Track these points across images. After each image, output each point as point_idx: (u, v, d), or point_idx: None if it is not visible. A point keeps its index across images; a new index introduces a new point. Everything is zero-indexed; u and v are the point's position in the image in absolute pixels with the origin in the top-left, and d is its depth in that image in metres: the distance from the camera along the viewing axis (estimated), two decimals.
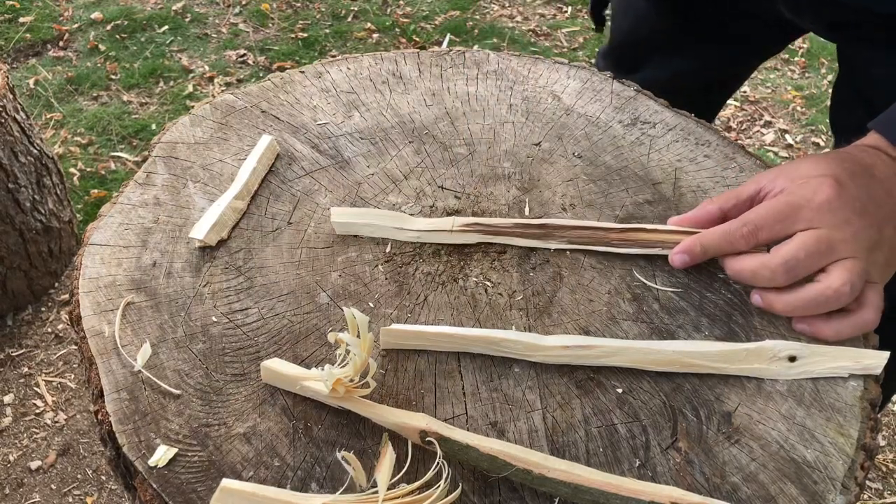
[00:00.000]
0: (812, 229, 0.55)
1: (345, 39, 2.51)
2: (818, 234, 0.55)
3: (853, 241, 0.55)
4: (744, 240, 0.58)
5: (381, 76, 0.84)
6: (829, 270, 0.55)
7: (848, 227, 0.55)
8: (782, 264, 0.55)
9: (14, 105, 1.44)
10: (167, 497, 0.48)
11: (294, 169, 0.72)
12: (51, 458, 1.35)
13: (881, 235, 0.56)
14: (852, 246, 0.55)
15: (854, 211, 0.55)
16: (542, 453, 0.49)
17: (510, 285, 0.62)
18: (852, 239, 0.55)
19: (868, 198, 0.56)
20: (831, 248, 0.54)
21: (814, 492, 0.49)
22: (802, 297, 0.56)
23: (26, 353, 1.53)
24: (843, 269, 0.54)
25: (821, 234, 0.55)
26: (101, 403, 0.53)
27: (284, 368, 0.53)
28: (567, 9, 2.77)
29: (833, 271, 0.54)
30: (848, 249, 0.54)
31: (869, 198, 0.56)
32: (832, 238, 0.54)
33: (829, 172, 0.57)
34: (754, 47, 0.95)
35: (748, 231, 0.57)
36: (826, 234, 0.54)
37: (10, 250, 1.49)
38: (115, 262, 0.63)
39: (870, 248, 0.55)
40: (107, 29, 2.50)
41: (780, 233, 0.56)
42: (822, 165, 0.58)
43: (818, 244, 0.54)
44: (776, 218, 0.56)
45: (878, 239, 0.55)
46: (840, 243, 0.54)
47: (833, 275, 0.54)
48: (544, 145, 0.75)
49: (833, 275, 0.54)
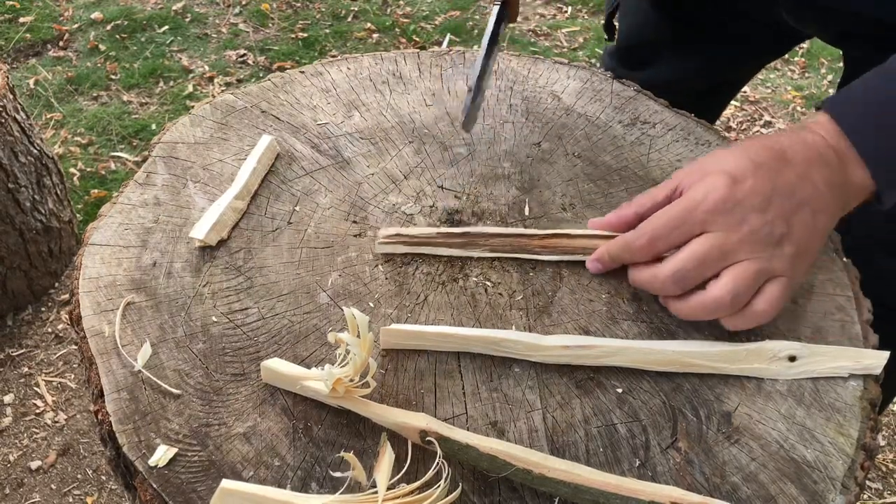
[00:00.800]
0: (705, 234, 0.54)
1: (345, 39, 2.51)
2: (710, 242, 0.53)
3: (749, 241, 0.53)
4: (641, 252, 0.57)
5: (381, 76, 0.84)
6: (720, 276, 0.54)
7: (743, 226, 0.53)
8: (670, 276, 0.55)
9: (14, 105, 1.44)
10: (167, 497, 0.48)
11: (294, 169, 0.72)
12: (51, 458, 1.35)
13: (790, 226, 0.54)
14: (747, 247, 0.53)
15: (751, 207, 0.53)
16: (542, 453, 0.49)
17: (510, 285, 0.62)
18: (748, 239, 0.53)
19: (773, 189, 0.54)
20: (724, 253, 0.53)
21: (814, 491, 0.49)
22: (689, 305, 0.55)
23: (26, 353, 1.53)
24: (730, 275, 0.53)
25: (713, 241, 0.53)
26: (101, 403, 0.53)
27: (284, 368, 0.53)
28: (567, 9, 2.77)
29: (721, 278, 0.53)
30: (743, 251, 0.53)
31: (775, 189, 0.54)
32: (725, 242, 0.53)
33: (727, 167, 0.55)
34: (757, 51, 0.95)
35: (645, 243, 0.56)
36: (718, 240, 0.53)
37: (10, 250, 1.49)
38: (115, 262, 0.63)
39: (772, 243, 0.53)
40: (107, 29, 2.50)
41: (676, 240, 0.55)
42: (725, 158, 0.56)
43: (709, 252, 0.53)
44: (671, 226, 0.55)
45: (784, 231, 0.53)
46: (734, 246, 0.53)
47: (719, 283, 0.53)
48: (544, 145, 0.75)
49: (719, 283, 0.53)
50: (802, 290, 0.62)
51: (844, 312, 0.60)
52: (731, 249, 0.53)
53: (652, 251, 0.57)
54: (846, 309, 0.60)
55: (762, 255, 0.53)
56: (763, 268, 0.53)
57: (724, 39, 0.90)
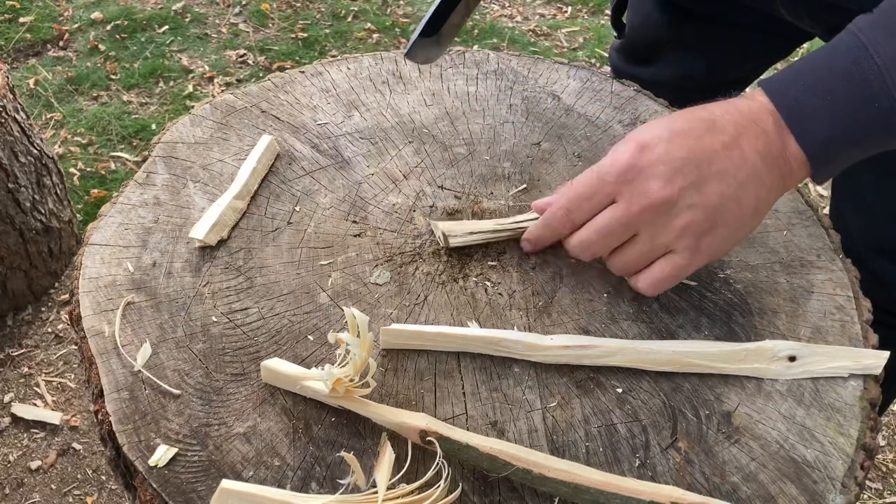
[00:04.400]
0: (612, 205, 0.54)
1: (345, 39, 2.51)
2: (611, 214, 0.54)
3: (648, 212, 0.52)
4: (561, 225, 0.58)
5: (381, 76, 0.84)
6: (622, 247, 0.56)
7: (643, 197, 0.52)
8: (577, 246, 0.57)
9: (14, 105, 1.44)
10: (167, 497, 0.48)
11: (294, 169, 0.72)
12: (51, 458, 1.35)
13: (702, 196, 0.52)
14: (647, 218, 0.53)
15: (654, 175, 0.52)
16: (542, 453, 0.49)
17: (510, 285, 0.62)
18: (647, 210, 0.52)
19: (686, 157, 0.52)
20: (624, 224, 0.54)
21: (813, 491, 0.49)
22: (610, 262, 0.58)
23: (26, 353, 1.53)
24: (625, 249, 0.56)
25: (613, 213, 0.54)
26: (101, 403, 0.53)
27: (284, 368, 0.53)
28: (567, 9, 2.77)
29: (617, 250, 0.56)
30: (642, 222, 0.53)
31: (687, 157, 0.52)
32: (625, 214, 0.53)
33: (641, 136, 0.54)
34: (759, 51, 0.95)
35: (563, 216, 0.58)
36: (619, 211, 0.54)
37: (10, 250, 1.49)
38: (115, 262, 0.63)
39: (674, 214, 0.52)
40: (107, 29, 2.49)
41: (590, 211, 0.56)
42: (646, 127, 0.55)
43: (610, 224, 0.54)
44: (583, 196, 0.56)
45: (694, 203, 0.52)
46: (633, 217, 0.53)
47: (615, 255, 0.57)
48: (544, 145, 0.75)
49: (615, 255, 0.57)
50: (802, 290, 0.62)
51: (844, 312, 0.60)
52: (630, 221, 0.53)
53: (571, 223, 0.58)
54: (846, 309, 0.60)
55: (661, 229, 0.53)
56: (658, 243, 0.54)
57: (727, 38, 0.90)
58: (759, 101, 0.54)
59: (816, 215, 0.68)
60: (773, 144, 0.53)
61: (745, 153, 0.52)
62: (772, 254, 0.65)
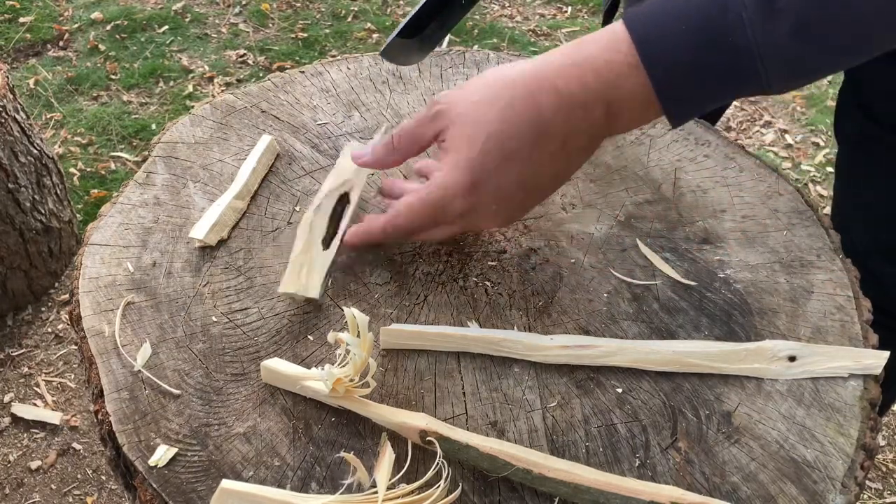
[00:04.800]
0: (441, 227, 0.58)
1: (345, 39, 2.51)
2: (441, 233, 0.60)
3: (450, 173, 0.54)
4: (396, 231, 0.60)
5: (381, 76, 0.84)
6: None
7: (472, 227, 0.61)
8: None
9: (14, 105, 1.44)
10: (167, 497, 0.48)
11: (294, 169, 0.72)
12: (51, 458, 1.35)
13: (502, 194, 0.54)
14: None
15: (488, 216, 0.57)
16: (542, 453, 0.49)
17: (510, 285, 0.62)
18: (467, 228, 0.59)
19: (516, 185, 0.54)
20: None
21: (814, 491, 0.49)
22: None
23: (26, 353, 1.53)
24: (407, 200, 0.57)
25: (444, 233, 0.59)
26: (101, 403, 0.53)
27: (284, 368, 0.53)
28: (567, 9, 2.77)
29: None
30: None
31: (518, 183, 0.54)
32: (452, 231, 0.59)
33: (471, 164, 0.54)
34: None
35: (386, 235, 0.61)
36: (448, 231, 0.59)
37: (10, 250, 1.49)
38: (115, 262, 0.63)
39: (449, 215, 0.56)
40: (107, 29, 2.50)
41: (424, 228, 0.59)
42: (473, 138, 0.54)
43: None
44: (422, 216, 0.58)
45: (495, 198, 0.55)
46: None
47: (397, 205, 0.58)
48: None
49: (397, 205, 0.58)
50: (802, 290, 0.62)
51: (844, 312, 0.60)
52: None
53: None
54: (846, 309, 0.60)
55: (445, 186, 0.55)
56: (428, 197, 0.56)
57: None
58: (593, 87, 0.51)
59: (816, 215, 0.68)
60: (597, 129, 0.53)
61: (570, 156, 0.54)
62: (772, 254, 0.65)
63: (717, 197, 0.70)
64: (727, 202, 0.69)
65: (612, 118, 0.52)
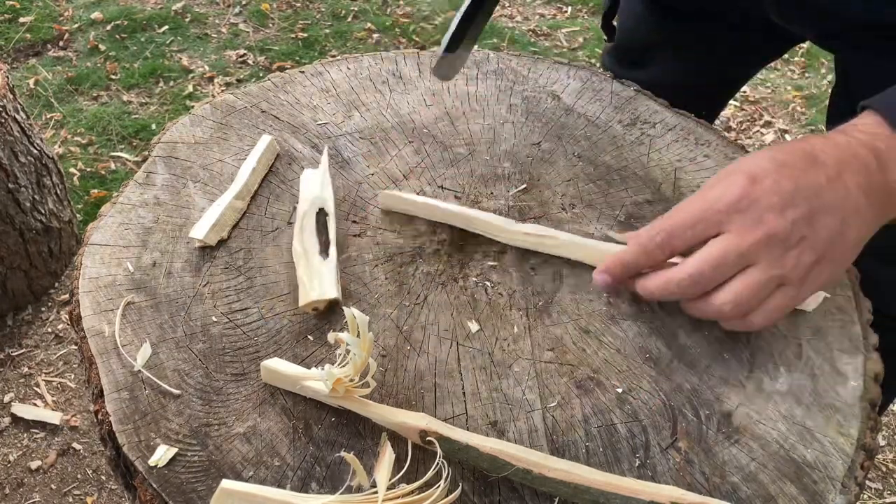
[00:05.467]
0: (722, 234, 0.52)
1: (345, 39, 2.51)
2: (726, 244, 0.51)
3: (765, 244, 0.50)
4: (659, 249, 0.54)
5: (381, 76, 0.84)
6: (729, 281, 0.52)
7: (759, 227, 0.51)
8: (688, 279, 0.52)
9: (14, 105, 1.44)
10: (167, 497, 0.48)
11: (294, 169, 0.72)
12: (51, 458, 1.35)
13: (812, 230, 0.51)
14: (763, 250, 0.50)
15: (769, 207, 0.51)
16: (542, 453, 0.49)
17: (510, 285, 0.62)
18: (764, 241, 0.50)
19: (796, 189, 0.51)
20: (740, 255, 0.51)
21: (814, 491, 0.49)
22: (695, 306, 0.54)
23: (26, 353, 1.53)
24: (738, 284, 0.51)
25: (728, 243, 0.51)
26: (101, 403, 0.53)
27: (284, 368, 0.53)
28: (567, 9, 2.77)
29: (729, 285, 0.52)
30: (759, 254, 0.51)
31: (797, 189, 0.51)
32: (741, 244, 0.51)
33: (748, 167, 0.53)
34: (750, 53, 0.94)
35: (661, 240, 0.54)
36: (734, 242, 0.51)
37: (10, 250, 1.49)
38: (115, 262, 0.63)
39: (790, 246, 0.51)
40: (107, 29, 2.49)
41: (692, 239, 0.53)
42: (749, 159, 0.54)
43: (725, 255, 0.51)
44: (687, 224, 0.53)
45: (805, 235, 0.51)
46: (750, 249, 0.50)
47: (725, 290, 0.52)
48: (544, 145, 0.75)
49: (725, 290, 0.52)
50: None
51: (844, 312, 0.60)
52: (746, 252, 0.51)
53: (669, 248, 0.54)
54: (846, 309, 0.60)
55: (776, 261, 0.51)
56: (775, 275, 0.51)
57: (718, 40, 0.90)
58: (855, 136, 0.53)
59: None
60: (874, 177, 0.52)
61: (849, 187, 0.52)
62: None
63: None
64: None
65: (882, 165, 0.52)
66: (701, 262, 0.51)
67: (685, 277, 0.52)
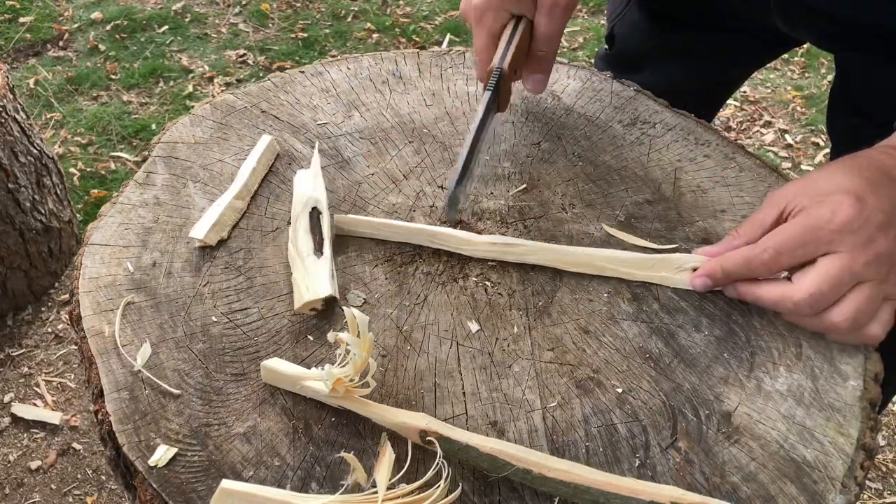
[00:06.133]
0: (834, 254, 0.53)
1: (345, 39, 2.51)
2: (841, 263, 0.53)
3: (875, 262, 0.53)
4: (765, 266, 0.56)
5: (381, 76, 0.84)
6: (843, 299, 0.54)
7: (871, 247, 0.53)
8: (807, 298, 0.54)
9: (14, 105, 1.44)
10: (167, 497, 0.48)
11: (294, 169, 0.72)
12: (51, 458, 1.35)
13: None
14: (875, 268, 0.53)
15: (877, 226, 0.53)
16: (542, 453, 0.49)
17: (510, 285, 0.62)
18: (875, 260, 0.53)
19: (891, 206, 0.54)
20: (854, 274, 0.53)
21: (813, 491, 0.49)
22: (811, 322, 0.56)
23: (26, 353, 1.53)
24: (853, 300, 0.53)
25: (843, 262, 0.53)
26: (101, 403, 0.53)
27: (284, 368, 0.53)
28: None
29: (843, 302, 0.54)
30: (870, 272, 0.53)
31: (892, 206, 0.54)
32: (854, 263, 0.53)
33: (848, 188, 0.55)
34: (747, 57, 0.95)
35: (769, 258, 0.56)
36: (849, 260, 0.53)
37: (10, 250, 1.49)
38: (115, 262, 0.63)
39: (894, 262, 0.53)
40: (107, 29, 2.50)
41: (801, 258, 0.55)
42: (839, 179, 0.56)
43: (841, 274, 0.53)
44: (797, 243, 0.55)
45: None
46: (863, 268, 0.53)
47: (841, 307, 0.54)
48: (544, 145, 0.75)
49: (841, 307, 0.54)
50: None
51: None
52: (859, 272, 0.53)
53: (777, 266, 0.56)
54: None
55: (884, 277, 0.53)
56: (884, 291, 0.53)
57: (715, 44, 0.90)
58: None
59: None
60: None
61: None
62: None
63: (717, 197, 0.70)
64: (727, 202, 0.69)
65: None
66: (820, 282, 0.53)
67: (805, 297, 0.54)
